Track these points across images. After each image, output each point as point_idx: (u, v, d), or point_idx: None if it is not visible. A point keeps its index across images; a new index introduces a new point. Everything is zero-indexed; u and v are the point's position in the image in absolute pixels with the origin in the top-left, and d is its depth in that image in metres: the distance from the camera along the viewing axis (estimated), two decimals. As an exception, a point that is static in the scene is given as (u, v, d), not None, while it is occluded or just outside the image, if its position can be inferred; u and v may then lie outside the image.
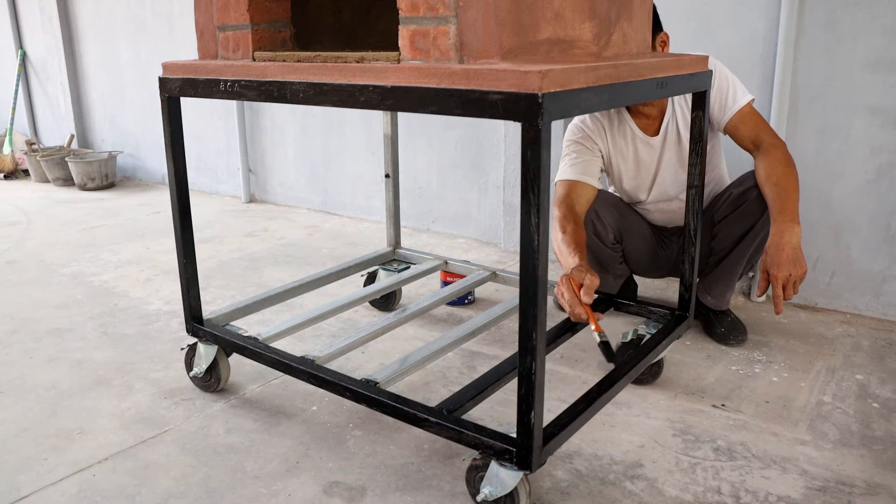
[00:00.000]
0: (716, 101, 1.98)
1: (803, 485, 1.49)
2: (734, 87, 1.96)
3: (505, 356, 2.03)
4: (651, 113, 2.05)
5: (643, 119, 2.06)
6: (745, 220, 1.99)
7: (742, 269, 2.07)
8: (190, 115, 4.22)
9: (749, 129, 1.96)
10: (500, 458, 1.33)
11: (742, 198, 1.98)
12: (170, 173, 1.74)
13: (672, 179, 2.10)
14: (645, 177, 2.12)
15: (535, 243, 1.16)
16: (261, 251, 3.14)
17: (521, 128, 1.12)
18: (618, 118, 2.06)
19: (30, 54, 5.18)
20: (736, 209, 2.00)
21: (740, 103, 1.95)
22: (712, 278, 2.12)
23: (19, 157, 4.98)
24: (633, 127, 2.05)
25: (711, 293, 2.13)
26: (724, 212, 2.03)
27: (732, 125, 1.97)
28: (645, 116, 2.05)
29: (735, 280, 2.09)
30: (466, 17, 1.22)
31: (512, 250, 3.07)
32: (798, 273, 1.76)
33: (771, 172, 1.88)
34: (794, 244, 1.76)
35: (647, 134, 2.06)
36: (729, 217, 2.02)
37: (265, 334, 1.81)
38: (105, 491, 1.50)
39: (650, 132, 2.06)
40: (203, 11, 1.65)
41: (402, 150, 3.36)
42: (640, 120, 2.06)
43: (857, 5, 2.15)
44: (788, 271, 1.75)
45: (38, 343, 2.22)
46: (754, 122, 1.96)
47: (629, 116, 2.05)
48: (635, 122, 2.05)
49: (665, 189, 2.13)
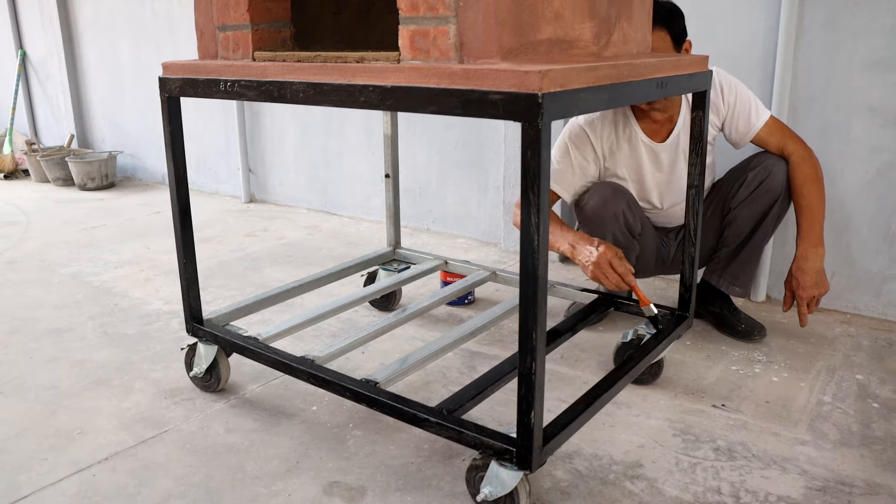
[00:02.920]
0: (740, 117, 2.00)
1: (803, 485, 1.49)
2: (755, 102, 2.01)
3: (505, 356, 2.03)
4: (659, 118, 2.04)
5: (650, 124, 2.05)
6: (763, 201, 2.01)
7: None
8: (190, 115, 4.22)
9: (777, 140, 2.02)
10: (500, 458, 1.33)
11: (759, 177, 2.00)
12: (170, 173, 1.74)
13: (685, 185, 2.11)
14: (651, 183, 2.11)
15: (535, 243, 1.16)
16: (261, 251, 3.14)
17: (521, 128, 1.12)
18: (623, 122, 2.05)
19: (30, 54, 5.18)
20: (754, 191, 2.01)
21: (763, 118, 2.00)
22: (738, 267, 2.11)
23: (19, 157, 4.98)
24: (638, 131, 2.04)
25: (739, 282, 2.12)
26: (741, 196, 2.04)
27: (760, 139, 2.02)
28: (652, 121, 2.05)
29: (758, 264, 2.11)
30: (466, 17, 1.22)
31: (512, 250, 3.07)
32: (821, 293, 1.96)
33: (802, 191, 1.96)
34: (818, 268, 1.94)
35: (655, 140, 2.06)
36: (746, 200, 2.03)
37: (265, 334, 1.81)
38: (105, 491, 1.50)
39: (658, 138, 2.06)
40: (203, 11, 1.65)
41: (402, 150, 3.36)
42: (646, 125, 2.05)
43: (856, 5, 2.15)
44: (812, 294, 1.95)
45: (38, 343, 2.22)
46: (781, 133, 2.01)
47: (635, 121, 2.04)
48: (641, 126, 2.05)
49: (680, 194, 2.13)
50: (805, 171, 1.96)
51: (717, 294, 2.21)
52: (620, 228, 2.04)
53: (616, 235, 2.04)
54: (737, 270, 2.12)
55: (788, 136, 2.01)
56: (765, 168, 1.99)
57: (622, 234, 2.05)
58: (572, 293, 2.08)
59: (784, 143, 2.00)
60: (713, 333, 2.20)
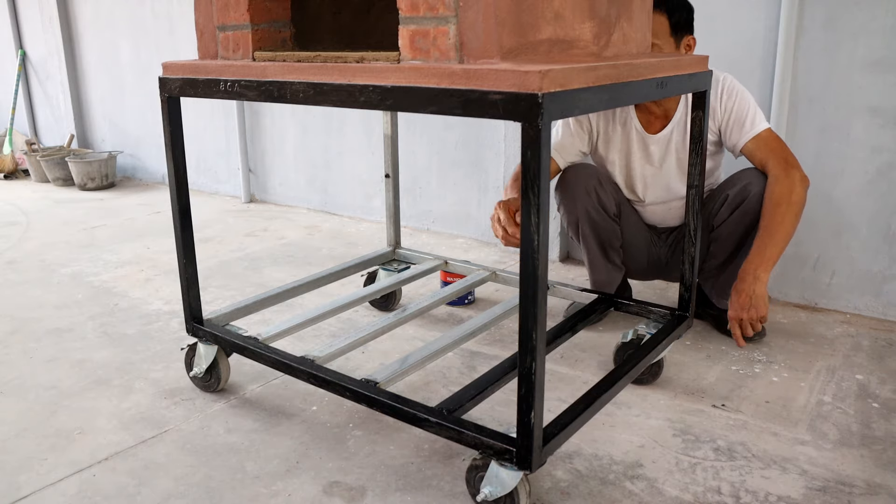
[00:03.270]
0: (735, 125, 1.98)
1: (803, 485, 1.49)
2: (753, 113, 1.97)
3: (505, 356, 2.03)
4: (655, 110, 2.06)
5: (647, 114, 2.07)
6: (744, 222, 2.01)
7: None
8: (190, 115, 4.22)
9: (762, 156, 1.96)
10: (500, 458, 1.33)
11: (739, 197, 2.00)
12: (170, 173, 1.74)
13: (672, 183, 2.11)
14: (638, 172, 2.12)
15: (535, 243, 1.16)
16: (261, 251, 3.14)
17: (521, 128, 1.12)
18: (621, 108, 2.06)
19: (30, 54, 5.18)
20: (734, 210, 2.01)
21: (756, 130, 1.96)
22: (726, 282, 2.11)
23: (19, 157, 4.98)
24: (633, 118, 2.06)
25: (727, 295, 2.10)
26: (722, 215, 2.04)
27: (748, 150, 1.98)
28: (649, 112, 2.07)
29: None
30: (466, 17, 1.22)
31: (512, 250, 3.07)
32: (753, 316, 1.93)
33: (764, 212, 1.92)
34: (755, 292, 1.91)
35: (648, 131, 2.07)
36: (728, 220, 2.03)
37: (265, 334, 1.81)
38: (105, 491, 1.50)
39: (651, 130, 2.07)
40: (203, 11, 1.65)
41: (402, 150, 3.36)
42: (643, 114, 2.08)
43: (856, 5, 2.15)
44: (741, 316, 1.93)
45: (38, 343, 2.22)
46: (768, 150, 1.96)
47: (633, 108, 2.07)
48: (638, 114, 2.07)
49: (665, 191, 2.14)
50: (777, 193, 1.90)
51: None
52: (593, 205, 2.07)
53: (590, 212, 2.08)
54: (725, 285, 2.13)
55: (776, 154, 1.95)
56: (744, 189, 1.98)
57: (595, 210, 2.09)
58: (572, 293, 2.08)
59: (767, 160, 1.95)
60: (713, 333, 2.20)
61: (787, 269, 2.40)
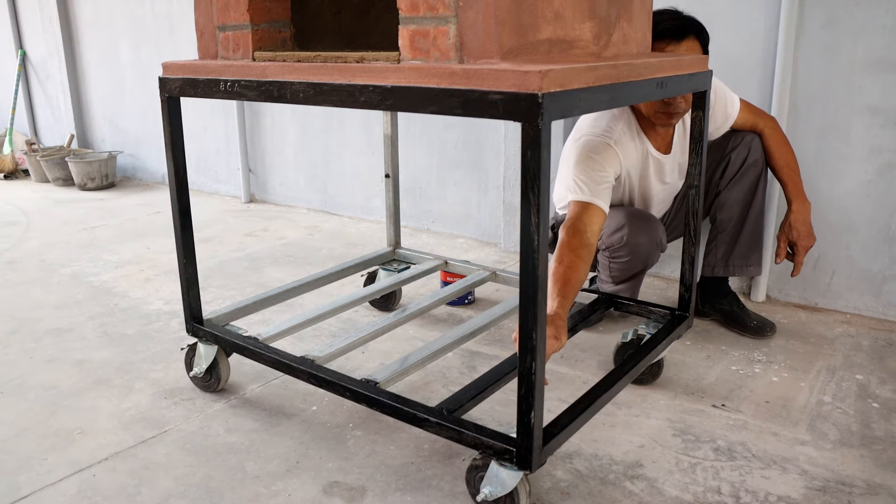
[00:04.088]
0: (716, 109, 2.05)
1: (803, 485, 1.49)
2: (726, 91, 2.06)
3: (505, 356, 2.03)
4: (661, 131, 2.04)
5: (656, 137, 2.04)
6: (750, 176, 2.08)
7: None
8: (190, 114, 4.22)
9: (752, 120, 2.11)
10: (500, 458, 1.33)
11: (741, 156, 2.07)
12: (170, 173, 1.74)
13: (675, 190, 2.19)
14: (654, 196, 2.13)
15: (535, 243, 1.16)
16: (261, 251, 3.14)
17: (521, 128, 1.12)
18: (637, 138, 2.01)
19: (30, 54, 5.18)
20: (740, 168, 2.07)
21: (737, 106, 2.07)
22: (744, 247, 2.13)
23: (19, 157, 4.98)
24: (649, 146, 2.03)
25: (751, 262, 2.14)
26: (728, 175, 2.10)
27: (737, 125, 2.10)
28: (657, 134, 2.03)
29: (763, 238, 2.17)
30: (466, 17, 1.22)
31: (512, 250, 3.07)
32: (813, 243, 2.07)
33: (780, 156, 2.08)
34: (810, 220, 2.06)
35: (662, 152, 2.07)
36: (735, 178, 2.09)
37: (265, 334, 1.81)
38: (105, 491, 1.50)
39: (664, 150, 2.07)
40: (203, 11, 1.65)
41: (402, 149, 3.36)
42: (653, 139, 2.04)
43: (857, 5, 2.15)
44: (810, 243, 2.05)
45: (38, 343, 2.22)
46: (751, 113, 2.11)
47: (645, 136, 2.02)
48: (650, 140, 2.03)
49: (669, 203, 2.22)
50: (778, 139, 2.09)
51: (726, 290, 2.21)
52: (657, 253, 2.10)
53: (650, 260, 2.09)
54: (745, 251, 2.13)
55: (757, 112, 2.11)
56: (745, 145, 2.07)
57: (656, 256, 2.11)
58: (572, 293, 2.08)
59: (755, 120, 2.11)
60: (713, 333, 2.20)
61: (787, 268, 2.40)
